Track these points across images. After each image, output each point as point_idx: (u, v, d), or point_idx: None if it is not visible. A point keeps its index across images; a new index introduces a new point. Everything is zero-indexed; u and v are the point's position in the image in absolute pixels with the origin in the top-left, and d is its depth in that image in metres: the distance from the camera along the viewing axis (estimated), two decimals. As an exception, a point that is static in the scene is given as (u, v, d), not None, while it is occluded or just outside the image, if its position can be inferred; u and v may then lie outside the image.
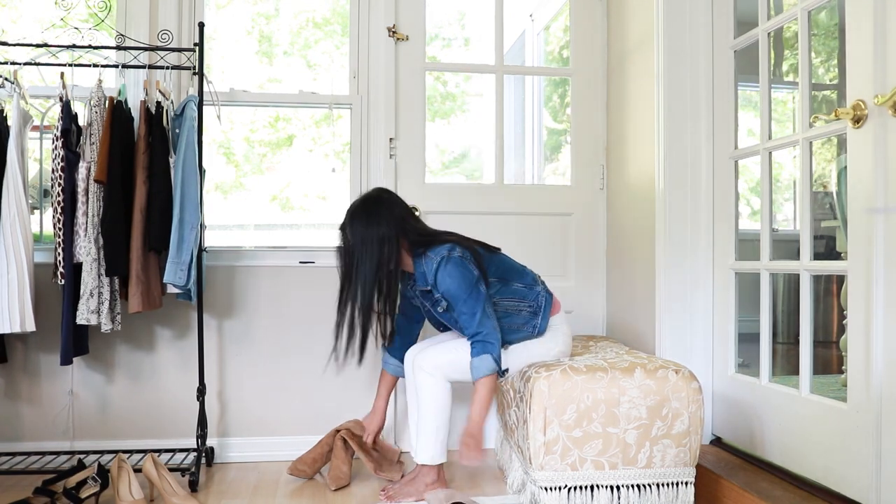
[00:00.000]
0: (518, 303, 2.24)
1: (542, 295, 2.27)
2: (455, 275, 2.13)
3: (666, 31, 2.44)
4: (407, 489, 2.26)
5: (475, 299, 2.13)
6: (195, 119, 2.44)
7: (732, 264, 2.35)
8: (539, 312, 2.25)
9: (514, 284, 2.26)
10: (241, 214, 3.73)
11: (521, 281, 2.27)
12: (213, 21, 3.10)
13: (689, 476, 2.05)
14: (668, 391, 2.03)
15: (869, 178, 1.69)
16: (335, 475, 2.40)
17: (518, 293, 2.25)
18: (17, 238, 2.28)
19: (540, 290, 2.27)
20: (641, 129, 2.64)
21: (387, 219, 2.18)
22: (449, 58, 4.32)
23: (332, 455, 2.49)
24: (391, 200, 2.24)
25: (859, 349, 1.74)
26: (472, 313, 2.12)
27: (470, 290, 2.13)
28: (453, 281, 2.13)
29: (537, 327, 2.24)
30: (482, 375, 2.09)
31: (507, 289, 2.25)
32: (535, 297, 2.26)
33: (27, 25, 2.99)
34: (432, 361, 2.21)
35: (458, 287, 2.13)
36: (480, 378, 2.10)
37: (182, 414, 2.70)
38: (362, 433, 2.52)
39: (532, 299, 2.25)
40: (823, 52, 4.32)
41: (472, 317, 2.12)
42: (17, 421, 2.65)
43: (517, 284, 2.26)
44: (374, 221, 2.17)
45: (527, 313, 2.24)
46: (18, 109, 2.34)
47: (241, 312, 2.77)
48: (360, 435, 2.52)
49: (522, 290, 2.26)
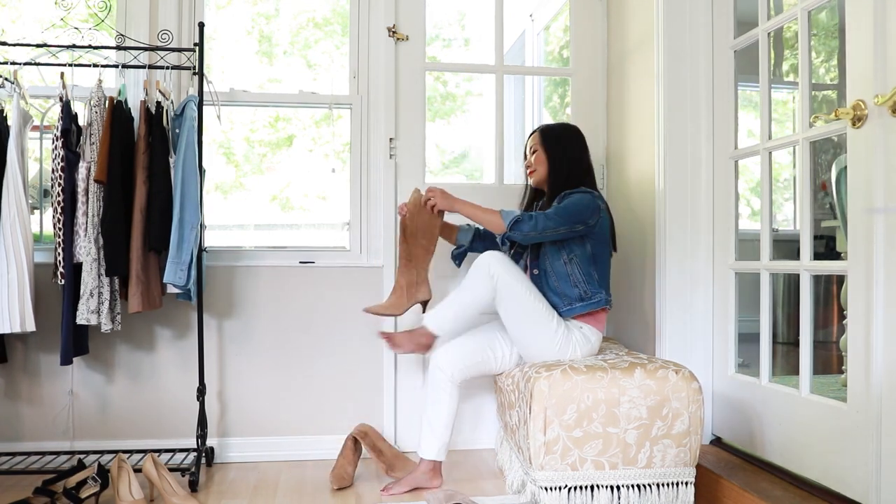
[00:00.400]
0: (580, 280, 2.31)
1: (599, 296, 2.31)
2: (584, 202, 2.28)
3: (666, 31, 2.44)
4: (407, 479, 2.32)
5: (566, 214, 2.25)
6: (195, 119, 2.44)
7: (732, 264, 2.35)
8: (583, 301, 2.30)
9: (594, 270, 2.33)
10: (241, 214, 3.73)
11: (600, 274, 2.35)
12: (213, 21, 3.10)
13: (689, 476, 2.05)
14: (668, 391, 2.03)
15: (869, 178, 1.69)
16: (338, 475, 2.40)
17: (588, 276, 2.32)
18: (17, 238, 2.28)
19: (602, 295, 2.32)
20: (641, 129, 2.64)
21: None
22: (449, 58, 4.32)
23: (340, 454, 2.49)
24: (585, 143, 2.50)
25: (859, 349, 1.74)
26: (556, 215, 2.25)
27: (574, 210, 2.26)
28: (580, 200, 2.28)
29: (570, 310, 2.29)
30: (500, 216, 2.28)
31: (587, 265, 2.32)
32: (594, 293, 2.31)
33: (27, 25, 2.99)
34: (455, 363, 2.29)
35: (572, 202, 2.27)
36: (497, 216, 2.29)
37: (182, 414, 2.70)
38: (376, 436, 2.53)
39: (591, 291, 2.31)
40: (823, 52, 4.32)
41: (551, 213, 2.25)
42: (17, 421, 2.65)
43: (595, 273, 2.33)
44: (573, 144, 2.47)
45: (576, 294, 2.30)
46: (18, 109, 2.34)
47: (241, 312, 2.77)
48: (373, 434, 2.53)
49: (593, 279, 2.32)
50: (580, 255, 2.31)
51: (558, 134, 2.46)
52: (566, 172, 2.40)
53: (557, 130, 2.48)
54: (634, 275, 2.69)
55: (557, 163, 2.41)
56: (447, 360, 2.29)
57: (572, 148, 2.44)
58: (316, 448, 2.75)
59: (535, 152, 2.47)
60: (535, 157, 2.47)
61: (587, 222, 2.27)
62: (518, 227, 2.24)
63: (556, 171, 2.41)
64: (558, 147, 2.43)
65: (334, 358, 2.80)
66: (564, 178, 2.39)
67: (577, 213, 2.26)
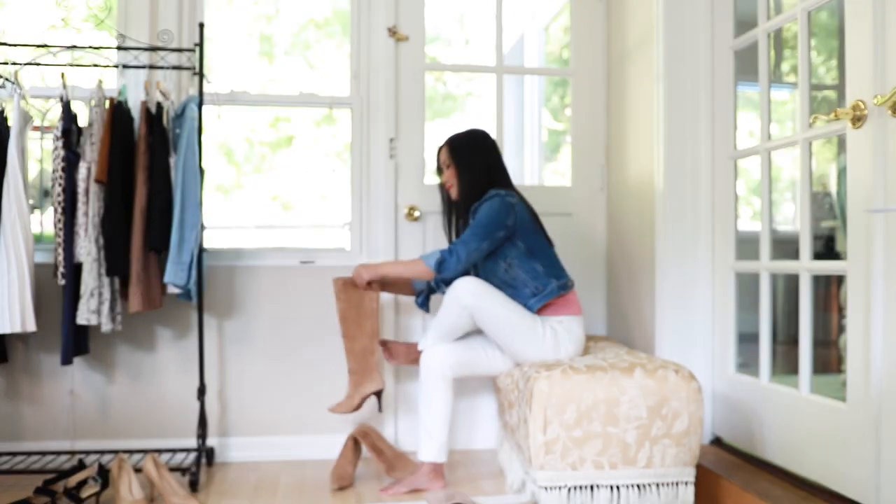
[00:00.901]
0: (526, 280, 2.32)
1: (550, 286, 2.31)
2: (494, 208, 2.28)
3: (666, 31, 2.44)
4: (408, 480, 2.32)
5: (484, 233, 2.26)
6: (195, 119, 2.44)
7: (732, 264, 2.35)
8: (536, 296, 2.30)
9: (536, 263, 2.33)
10: (242, 215, 3.73)
11: (544, 265, 2.34)
12: (214, 21, 3.10)
13: (689, 476, 2.05)
14: (667, 391, 2.03)
15: (869, 178, 1.69)
16: (338, 474, 2.40)
17: (533, 272, 2.32)
18: (18, 238, 2.28)
19: (553, 283, 2.32)
20: (641, 130, 2.64)
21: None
22: (449, 58, 4.32)
23: (340, 454, 2.49)
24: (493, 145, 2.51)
25: (859, 349, 1.74)
26: (473, 235, 2.27)
27: (489, 221, 2.27)
28: (489, 208, 2.29)
29: (530, 308, 2.30)
30: (424, 260, 2.28)
31: (527, 262, 2.33)
32: (544, 286, 2.31)
33: (28, 26, 2.99)
34: (444, 360, 2.29)
35: (483, 214, 2.29)
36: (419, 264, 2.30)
37: (182, 414, 2.70)
38: (376, 436, 2.53)
39: (541, 284, 2.31)
40: (823, 52, 4.32)
41: (467, 237, 2.27)
42: (17, 421, 2.65)
43: (538, 265, 2.33)
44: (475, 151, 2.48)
45: (528, 293, 2.31)
46: (19, 110, 2.34)
47: (242, 312, 2.77)
48: (374, 435, 2.53)
49: (538, 273, 2.32)
50: (515, 255, 2.32)
51: (467, 143, 2.46)
52: (474, 182, 2.40)
53: (466, 140, 2.47)
54: (634, 275, 2.69)
55: (467, 174, 2.41)
56: (435, 356, 2.30)
57: (482, 156, 2.45)
58: (316, 448, 2.75)
59: (449, 167, 2.46)
60: (449, 171, 2.46)
61: (505, 224, 2.28)
62: (445, 268, 2.26)
63: (466, 182, 2.41)
64: (469, 158, 2.43)
65: (335, 358, 2.80)
66: (473, 188, 2.40)
67: (490, 223, 2.27)
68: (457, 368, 2.31)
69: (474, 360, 2.35)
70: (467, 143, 2.47)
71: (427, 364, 2.30)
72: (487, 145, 2.48)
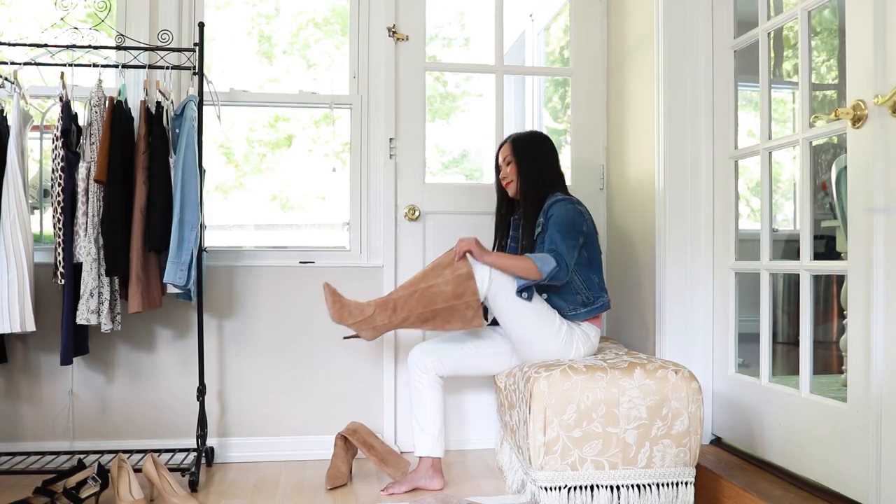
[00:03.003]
0: (581, 287, 2.34)
1: (602, 300, 2.36)
2: (570, 210, 2.29)
3: (666, 31, 2.44)
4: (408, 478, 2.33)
5: (570, 235, 2.25)
6: (195, 119, 2.44)
7: (732, 264, 2.35)
8: (587, 307, 2.33)
9: (593, 274, 2.37)
10: (241, 214, 3.73)
11: (599, 278, 2.39)
12: (213, 21, 3.10)
13: (689, 476, 2.05)
14: (667, 391, 2.03)
15: (869, 178, 1.69)
16: (332, 474, 2.40)
17: (589, 282, 2.35)
18: (17, 238, 2.28)
19: (604, 298, 2.37)
20: (641, 129, 2.63)
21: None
22: (449, 58, 4.32)
23: (333, 454, 2.49)
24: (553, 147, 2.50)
25: (859, 349, 1.74)
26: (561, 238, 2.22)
27: (571, 227, 2.26)
28: (566, 213, 2.28)
29: (575, 315, 2.32)
30: (536, 265, 2.18)
31: (585, 271, 2.36)
32: (596, 298, 2.35)
33: (27, 25, 2.99)
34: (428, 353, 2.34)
35: (564, 218, 2.27)
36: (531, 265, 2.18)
37: (182, 414, 2.70)
38: (365, 431, 2.54)
39: (593, 296, 2.34)
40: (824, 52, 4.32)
41: (558, 240, 2.22)
42: (17, 421, 2.65)
43: (595, 277, 2.37)
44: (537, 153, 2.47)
45: (579, 300, 2.33)
46: (18, 109, 2.34)
47: (241, 312, 2.77)
48: (362, 431, 2.53)
49: (593, 283, 2.36)
50: (578, 262, 2.33)
51: (530, 143, 2.46)
52: (540, 182, 2.40)
53: (529, 139, 2.48)
54: (634, 274, 2.69)
55: (533, 173, 2.41)
56: (420, 353, 2.37)
57: (544, 156, 2.45)
58: (316, 448, 2.75)
59: (510, 164, 2.46)
60: (510, 168, 2.46)
61: (582, 230, 2.30)
62: (557, 278, 2.21)
63: (532, 181, 2.40)
64: (531, 157, 2.43)
65: (334, 358, 2.80)
66: (539, 187, 2.40)
67: (573, 228, 2.28)
68: (442, 363, 2.35)
69: (463, 359, 2.37)
70: (535, 142, 2.47)
71: (412, 361, 2.38)
72: (554, 148, 2.49)
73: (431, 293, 2.20)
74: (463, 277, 2.20)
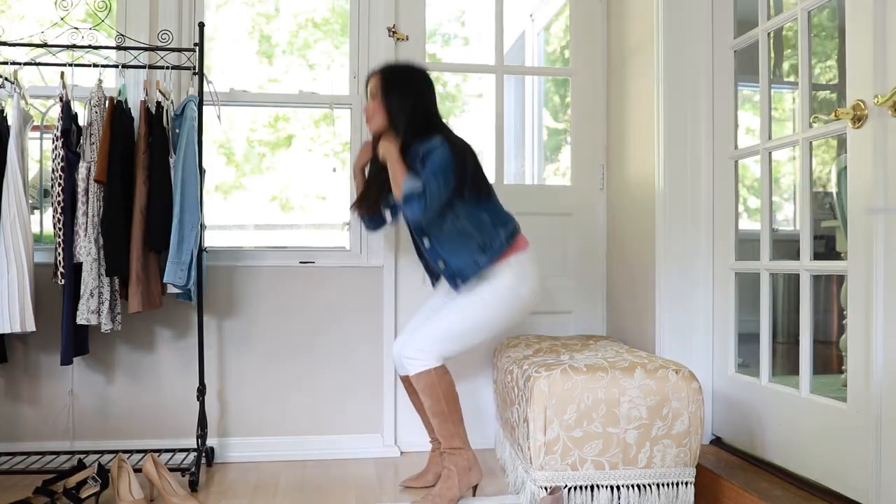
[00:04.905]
0: (474, 231, 2.18)
1: (497, 239, 2.19)
2: (447, 157, 2.11)
3: (666, 31, 2.44)
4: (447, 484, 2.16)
5: (446, 179, 2.10)
6: (195, 119, 2.44)
7: (732, 264, 2.35)
8: (486, 252, 2.18)
9: (482, 213, 2.20)
10: (241, 214, 3.73)
11: (491, 215, 2.21)
12: (213, 21, 3.10)
13: (689, 476, 2.05)
14: (668, 391, 2.03)
15: (869, 178, 1.69)
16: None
17: (480, 222, 2.19)
18: (17, 238, 2.28)
19: (502, 235, 2.20)
20: (641, 129, 2.64)
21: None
22: (449, 57, 4.31)
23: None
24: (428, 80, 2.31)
25: (859, 349, 1.74)
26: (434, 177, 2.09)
27: (448, 171, 2.11)
28: (442, 156, 2.11)
29: (478, 267, 2.18)
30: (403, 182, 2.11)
31: (474, 212, 2.19)
32: (492, 238, 2.19)
33: (27, 25, 2.98)
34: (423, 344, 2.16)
35: (445, 162, 2.10)
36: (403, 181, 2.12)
37: (182, 414, 2.70)
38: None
39: (487, 236, 2.19)
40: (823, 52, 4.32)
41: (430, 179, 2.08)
42: (17, 421, 2.65)
43: (485, 215, 2.20)
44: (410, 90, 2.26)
45: (475, 246, 2.18)
46: (18, 109, 2.34)
47: (241, 312, 2.77)
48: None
49: (485, 223, 2.19)
50: (464, 206, 2.18)
51: (403, 79, 2.24)
52: (416, 123, 2.20)
53: (402, 74, 2.26)
54: (634, 274, 2.69)
55: (408, 111, 2.20)
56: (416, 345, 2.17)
57: (419, 95, 2.24)
58: (316, 448, 2.75)
59: (375, 98, 2.25)
60: (374, 103, 2.25)
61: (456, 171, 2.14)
62: (410, 207, 2.09)
63: (405, 122, 2.20)
64: (404, 95, 2.22)
65: (334, 358, 2.81)
66: (414, 128, 2.20)
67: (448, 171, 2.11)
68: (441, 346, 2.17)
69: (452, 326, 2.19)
70: (409, 78, 2.25)
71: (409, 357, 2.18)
72: (430, 85, 2.28)
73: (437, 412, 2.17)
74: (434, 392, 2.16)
